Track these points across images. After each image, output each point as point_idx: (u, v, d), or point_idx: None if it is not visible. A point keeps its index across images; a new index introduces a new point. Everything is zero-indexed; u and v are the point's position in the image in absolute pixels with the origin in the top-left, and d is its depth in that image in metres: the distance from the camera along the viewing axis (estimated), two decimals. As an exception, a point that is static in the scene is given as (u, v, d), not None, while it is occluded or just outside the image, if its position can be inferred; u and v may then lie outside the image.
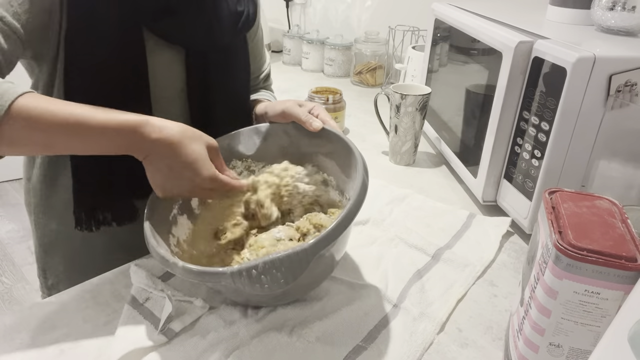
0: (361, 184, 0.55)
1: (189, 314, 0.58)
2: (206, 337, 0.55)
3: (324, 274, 0.61)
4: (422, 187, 0.93)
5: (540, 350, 0.46)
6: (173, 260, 0.52)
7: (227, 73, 0.76)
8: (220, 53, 0.75)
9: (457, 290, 0.65)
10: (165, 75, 0.71)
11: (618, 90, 0.64)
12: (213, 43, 0.73)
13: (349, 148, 0.64)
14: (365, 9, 1.68)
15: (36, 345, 0.55)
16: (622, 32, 0.75)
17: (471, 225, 0.79)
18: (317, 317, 0.58)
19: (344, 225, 0.51)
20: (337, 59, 1.63)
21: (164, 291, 0.60)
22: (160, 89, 0.70)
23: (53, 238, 0.78)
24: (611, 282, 0.41)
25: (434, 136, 1.08)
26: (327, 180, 0.71)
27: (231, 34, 0.76)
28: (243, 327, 0.57)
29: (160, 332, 0.55)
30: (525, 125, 0.73)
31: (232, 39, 0.77)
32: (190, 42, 0.71)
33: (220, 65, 0.75)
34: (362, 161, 0.60)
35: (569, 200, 0.48)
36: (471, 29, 0.87)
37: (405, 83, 1.04)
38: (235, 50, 0.78)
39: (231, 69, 0.77)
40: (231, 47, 0.77)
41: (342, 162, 0.67)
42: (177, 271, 0.51)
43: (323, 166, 0.71)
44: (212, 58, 0.74)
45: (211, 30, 0.72)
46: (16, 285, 2.02)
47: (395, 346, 0.55)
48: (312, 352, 0.54)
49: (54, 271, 0.81)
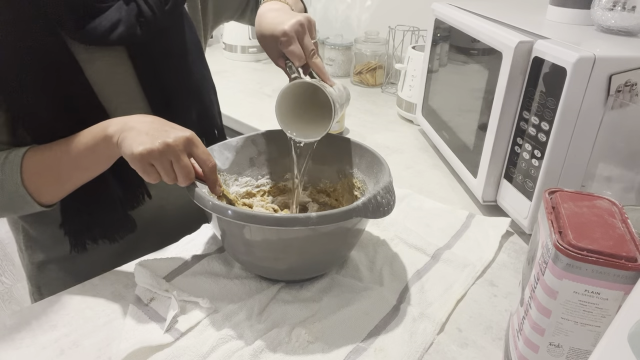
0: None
1: (195, 314, 0.58)
2: (211, 337, 0.55)
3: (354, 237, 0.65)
4: (421, 187, 0.93)
5: (540, 350, 0.46)
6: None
7: (175, 56, 0.73)
8: (161, 37, 0.70)
9: (456, 290, 0.65)
10: (113, 81, 0.68)
11: (618, 90, 0.64)
12: (148, 31, 0.67)
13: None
14: (365, 9, 1.68)
15: (36, 345, 0.55)
16: (622, 32, 0.75)
17: (471, 225, 0.79)
18: (317, 318, 0.58)
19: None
20: (337, 59, 1.63)
21: (168, 291, 0.60)
22: (114, 96, 0.68)
23: (47, 254, 0.77)
24: (611, 282, 0.41)
25: (434, 136, 1.08)
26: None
27: (164, 15, 0.69)
28: (247, 328, 0.57)
29: (166, 332, 0.55)
30: (525, 125, 0.73)
31: (167, 20, 0.70)
32: (125, 38, 0.65)
33: (165, 49, 0.72)
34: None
35: (569, 200, 0.48)
36: (471, 29, 0.87)
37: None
38: (176, 29, 0.73)
39: (177, 48, 0.74)
40: (169, 28, 0.72)
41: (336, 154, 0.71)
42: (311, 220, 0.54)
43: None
44: (154, 45, 0.70)
45: (142, 18, 0.66)
46: (16, 285, 2.02)
47: (395, 346, 0.55)
48: (312, 353, 0.54)
49: (49, 287, 0.78)
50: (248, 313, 0.59)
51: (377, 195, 0.57)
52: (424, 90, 1.11)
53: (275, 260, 0.61)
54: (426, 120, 1.12)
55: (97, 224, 0.70)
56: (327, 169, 0.75)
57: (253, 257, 0.62)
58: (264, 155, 0.76)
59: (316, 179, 0.77)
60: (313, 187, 0.78)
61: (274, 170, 0.77)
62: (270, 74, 1.68)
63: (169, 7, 0.69)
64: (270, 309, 0.60)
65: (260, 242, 0.59)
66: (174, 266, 0.66)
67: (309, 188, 0.78)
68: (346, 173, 0.73)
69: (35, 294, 0.80)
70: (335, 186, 0.76)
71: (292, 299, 0.62)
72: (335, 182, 0.76)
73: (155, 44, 0.70)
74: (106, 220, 0.70)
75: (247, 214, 0.54)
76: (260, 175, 0.77)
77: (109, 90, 0.68)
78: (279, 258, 0.60)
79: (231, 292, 0.63)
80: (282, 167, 0.77)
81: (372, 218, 0.57)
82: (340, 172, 0.74)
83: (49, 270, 0.78)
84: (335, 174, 0.75)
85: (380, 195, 0.57)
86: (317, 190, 0.78)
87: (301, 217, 0.54)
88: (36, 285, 0.79)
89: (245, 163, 0.75)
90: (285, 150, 0.72)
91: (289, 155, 0.71)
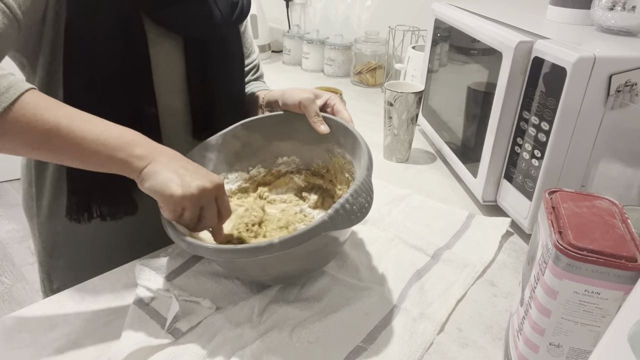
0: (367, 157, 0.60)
1: (196, 314, 0.58)
2: (213, 338, 0.55)
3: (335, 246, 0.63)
4: (422, 187, 0.93)
5: (540, 350, 0.46)
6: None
7: (224, 63, 0.77)
8: (218, 43, 0.75)
9: (456, 290, 0.65)
10: (165, 67, 0.71)
11: (618, 90, 0.64)
12: (212, 32, 0.73)
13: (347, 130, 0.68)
14: (365, 9, 1.68)
15: (36, 345, 0.55)
16: (622, 32, 0.75)
17: (471, 225, 0.79)
18: (317, 318, 0.58)
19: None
20: (337, 59, 1.63)
21: (169, 291, 0.60)
22: (161, 81, 0.70)
23: (58, 240, 0.77)
24: (611, 282, 0.41)
25: (434, 136, 1.08)
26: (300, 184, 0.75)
27: (228, 24, 0.76)
28: (248, 328, 0.57)
29: (167, 332, 0.55)
30: (525, 125, 0.73)
31: (229, 29, 0.77)
32: (191, 31, 0.71)
33: (218, 55, 0.75)
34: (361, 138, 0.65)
35: (569, 200, 0.48)
36: (471, 29, 0.87)
37: (400, 81, 1.05)
38: (231, 40, 0.79)
39: (228, 58, 0.78)
40: (228, 37, 0.77)
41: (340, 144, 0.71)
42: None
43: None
44: (211, 48, 0.74)
45: (211, 19, 0.71)
46: (16, 285, 2.02)
47: (395, 347, 0.55)
48: (312, 353, 0.54)
49: (59, 274, 0.80)
50: (249, 313, 0.59)
51: (345, 204, 0.52)
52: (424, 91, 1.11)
53: (259, 275, 0.61)
54: (426, 120, 1.13)
55: (101, 200, 0.69)
56: (317, 149, 0.74)
57: (238, 274, 0.64)
58: (250, 146, 0.76)
59: (308, 160, 0.77)
60: (306, 169, 0.77)
61: (265, 158, 0.77)
62: (271, 74, 1.68)
63: (235, 16, 0.75)
64: (270, 309, 0.59)
65: (237, 266, 0.59)
66: (175, 266, 0.66)
67: (303, 172, 0.78)
68: (335, 152, 0.72)
69: (45, 280, 0.81)
70: (327, 166, 0.75)
71: (293, 299, 0.62)
72: (327, 162, 0.75)
73: (211, 45, 0.74)
74: (109, 192, 0.69)
75: (212, 250, 0.53)
76: (251, 166, 0.77)
77: (160, 74, 0.69)
78: (261, 275, 0.61)
79: (232, 292, 0.63)
80: (272, 152, 0.77)
81: (345, 228, 0.53)
82: (329, 151, 0.73)
83: (60, 257, 0.79)
84: (325, 153, 0.74)
85: (349, 202, 0.52)
86: (312, 172, 0.77)
87: (263, 245, 0.50)
88: (47, 272, 0.80)
89: (232, 158, 0.75)
90: (272, 135, 0.73)
91: (276, 140, 0.71)
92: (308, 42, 1.67)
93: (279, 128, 0.75)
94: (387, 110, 0.99)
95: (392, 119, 0.98)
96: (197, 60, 0.73)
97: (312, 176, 0.78)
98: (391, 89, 0.96)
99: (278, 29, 1.91)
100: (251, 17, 1.69)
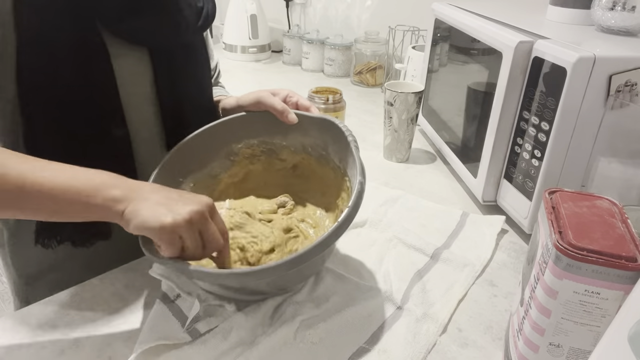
0: (359, 167, 0.59)
1: (216, 317, 0.58)
2: (227, 339, 0.55)
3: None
4: (421, 187, 0.93)
5: (540, 350, 0.46)
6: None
7: (193, 70, 0.75)
8: (185, 50, 0.72)
9: (457, 290, 0.65)
10: (131, 80, 0.68)
11: (618, 90, 0.64)
12: (178, 41, 0.71)
13: (326, 121, 0.66)
14: (365, 9, 1.68)
15: (36, 345, 0.55)
16: (622, 32, 0.75)
17: (466, 224, 0.79)
18: (321, 319, 0.58)
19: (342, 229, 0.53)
20: (337, 59, 1.63)
21: (191, 294, 0.59)
22: (129, 95, 0.67)
23: (37, 267, 0.73)
24: (611, 282, 0.41)
25: (434, 136, 1.08)
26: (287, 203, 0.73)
27: (193, 31, 0.73)
28: (260, 329, 0.57)
29: (185, 331, 0.55)
30: (525, 125, 0.73)
31: (194, 35, 0.75)
32: (156, 41, 0.68)
33: (186, 62, 0.73)
34: (347, 131, 0.63)
35: (569, 200, 0.48)
36: (471, 29, 0.87)
37: (400, 81, 1.05)
38: (197, 47, 0.76)
39: (195, 65, 0.76)
40: (193, 44, 0.75)
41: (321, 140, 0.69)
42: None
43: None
44: (178, 56, 0.71)
45: (177, 27, 0.69)
46: (16, 285, 2.02)
47: (399, 348, 0.55)
48: (315, 354, 0.54)
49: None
50: (262, 317, 0.58)
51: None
52: (424, 91, 1.11)
53: (255, 292, 0.61)
54: (426, 120, 1.13)
55: (70, 229, 0.64)
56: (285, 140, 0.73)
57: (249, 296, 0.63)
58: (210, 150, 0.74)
59: (279, 149, 0.74)
60: (277, 159, 0.75)
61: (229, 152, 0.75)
62: (271, 74, 1.68)
63: (200, 23, 0.73)
64: (281, 310, 0.60)
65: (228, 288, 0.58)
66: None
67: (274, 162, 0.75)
68: (314, 148, 0.71)
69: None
70: (307, 160, 0.73)
71: (303, 299, 0.61)
72: (299, 152, 0.72)
73: (177, 54, 0.72)
74: (80, 225, 0.62)
75: (200, 273, 0.50)
76: (218, 168, 0.74)
77: (126, 89, 0.67)
78: (255, 293, 0.61)
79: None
80: (256, 131, 0.74)
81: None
82: (306, 147, 0.71)
83: (39, 285, 0.74)
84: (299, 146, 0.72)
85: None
86: (295, 174, 0.75)
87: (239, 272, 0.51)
88: (25, 300, 0.75)
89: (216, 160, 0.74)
90: (231, 138, 0.73)
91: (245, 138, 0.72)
92: (308, 42, 1.67)
93: (242, 128, 0.74)
94: (387, 110, 0.99)
95: (392, 119, 0.98)
96: (164, 69, 0.70)
97: (295, 177, 0.75)
98: (391, 89, 0.96)
99: (278, 29, 1.91)
100: (251, 17, 1.70)
